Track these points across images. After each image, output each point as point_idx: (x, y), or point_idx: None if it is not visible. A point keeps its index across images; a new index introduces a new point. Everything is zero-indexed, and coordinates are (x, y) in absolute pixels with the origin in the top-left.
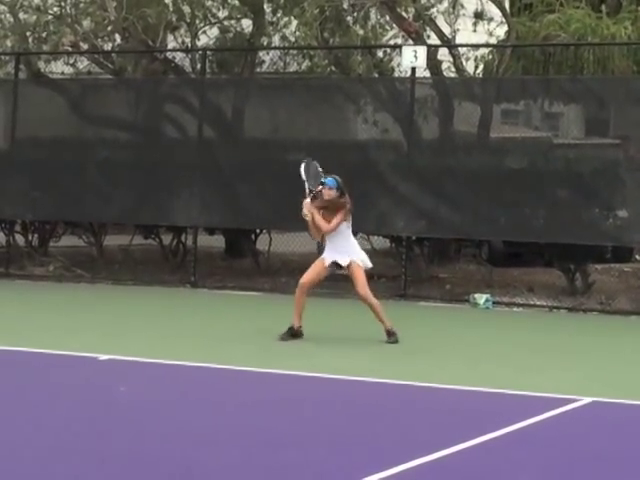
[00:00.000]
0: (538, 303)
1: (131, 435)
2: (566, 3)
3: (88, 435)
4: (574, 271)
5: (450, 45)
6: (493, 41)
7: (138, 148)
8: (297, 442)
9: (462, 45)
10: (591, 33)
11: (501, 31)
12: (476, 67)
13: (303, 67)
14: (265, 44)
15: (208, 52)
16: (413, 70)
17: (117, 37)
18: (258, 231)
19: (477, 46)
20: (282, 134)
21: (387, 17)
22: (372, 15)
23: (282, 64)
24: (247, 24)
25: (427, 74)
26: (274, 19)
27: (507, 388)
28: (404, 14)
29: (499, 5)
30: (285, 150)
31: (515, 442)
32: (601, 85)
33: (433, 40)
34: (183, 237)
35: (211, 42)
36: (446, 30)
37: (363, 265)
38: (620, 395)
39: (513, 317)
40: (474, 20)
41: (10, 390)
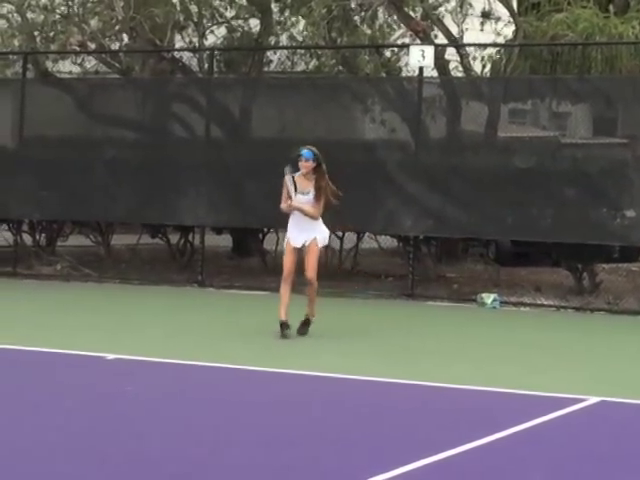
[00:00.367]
0: (545, 303)
1: (137, 435)
2: (574, 2)
3: (92, 434)
4: (582, 271)
5: (458, 44)
6: (501, 40)
7: (145, 148)
8: (303, 442)
9: (470, 44)
10: (599, 32)
11: (509, 30)
12: (483, 67)
13: (311, 67)
14: (273, 43)
15: (216, 52)
16: (420, 70)
17: (125, 37)
18: (265, 230)
19: (485, 45)
20: (289, 133)
21: (395, 16)
22: (380, 14)
23: (289, 63)
24: (255, 24)
25: (434, 74)
26: (282, 18)
27: (514, 388)
28: (412, 13)
29: (507, 4)
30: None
31: (522, 442)
32: (609, 84)
33: (441, 40)
34: (190, 236)
35: (219, 42)
36: (454, 30)
37: (323, 243)
38: (628, 395)
39: (520, 317)
40: (482, 19)
41: (16, 389)
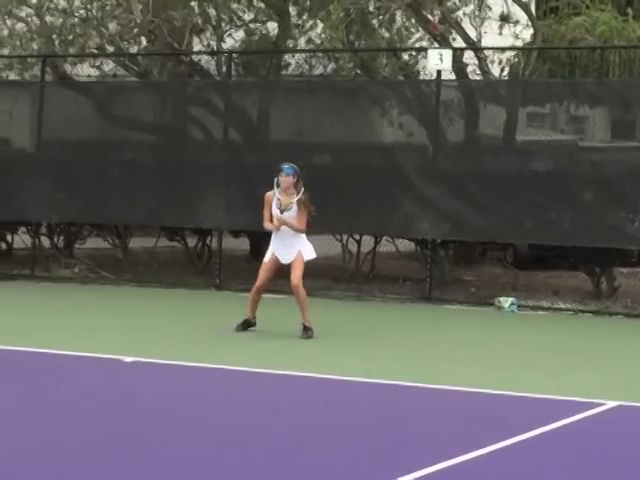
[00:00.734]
0: (563, 306)
1: (160, 435)
2: (592, 6)
3: (109, 436)
4: (599, 274)
5: (476, 48)
6: (519, 44)
7: (163, 151)
8: (321, 444)
9: (488, 48)
10: (617, 36)
11: (527, 34)
12: (502, 70)
13: (329, 70)
14: (291, 47)
15: (234, 55)
16: (439, 73)
17: (143, 40)
18: None
19: (503, 49)
20: (307, 137)
21: (413, 20)
22: (398, 18)
23: (308, 67)
24: (273, 27)
25: (452, 77)
26: (300, 22)
27: (532, 392)
28: (430, 17)
29: (525, 8)
30: (310, 153)
31: (540, 446)
32: (627, 88)
33: (459, 43)
34: (208, 240)
35: (237, 45)
36: (472, 33)
37: (309, 257)
38: None
39: (538, 320)
40: (500, 23)
41: (34, 391)
